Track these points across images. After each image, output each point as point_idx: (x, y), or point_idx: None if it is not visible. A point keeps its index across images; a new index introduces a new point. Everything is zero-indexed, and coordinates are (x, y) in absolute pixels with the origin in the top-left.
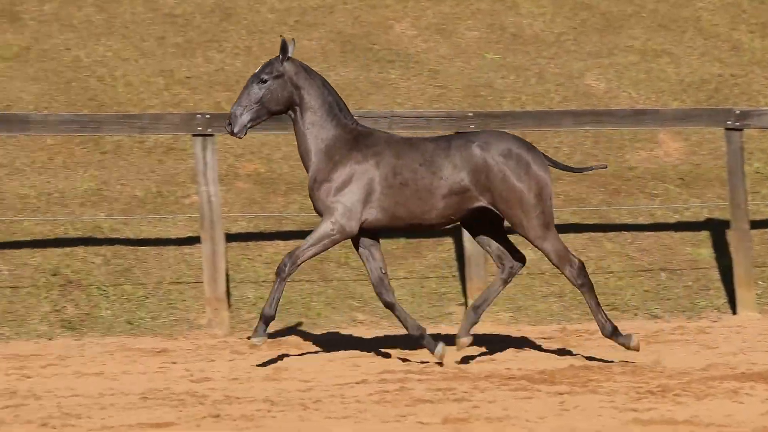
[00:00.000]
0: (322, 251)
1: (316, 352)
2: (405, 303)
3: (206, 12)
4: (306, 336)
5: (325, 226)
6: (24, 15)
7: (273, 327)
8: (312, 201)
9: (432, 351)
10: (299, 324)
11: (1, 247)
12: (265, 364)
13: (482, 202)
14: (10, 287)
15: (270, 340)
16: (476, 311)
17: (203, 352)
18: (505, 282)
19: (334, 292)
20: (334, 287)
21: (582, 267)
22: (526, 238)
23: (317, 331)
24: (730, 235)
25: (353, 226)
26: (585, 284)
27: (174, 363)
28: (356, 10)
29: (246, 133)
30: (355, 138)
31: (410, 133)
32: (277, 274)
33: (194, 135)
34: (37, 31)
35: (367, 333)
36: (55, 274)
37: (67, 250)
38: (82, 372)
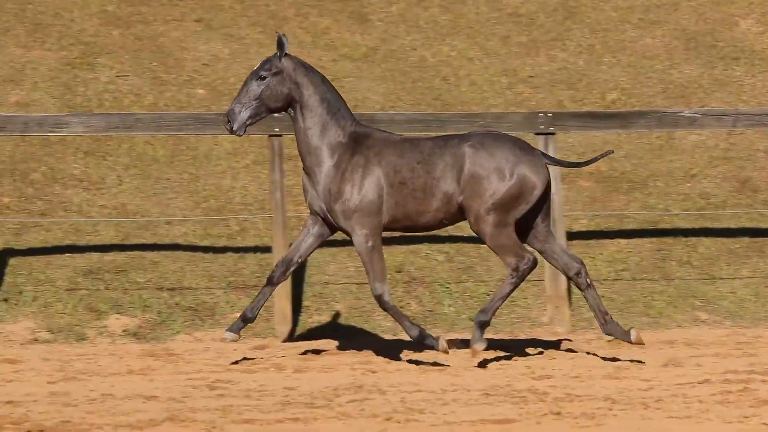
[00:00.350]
0: (382, 262)
1: (658, 351)
2: (748, 303)
3: (550, 11)
4: (647, 335)
5: (361, 244)
6: (372, 16)
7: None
8: (328, 212)
9: (227, 337)
10: (640, 323)
11: (348, 245)
12: (606, 362)
13: (460, 200)
14: (357, 284)
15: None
16: (603, 316)
17: (544, 350)
18: (588, 286)
19: (676, 291)
20: (676, 286)
21: (534, 263)
22: (478, 234)
23: (659, 330)
24: None
25: (378, 221)
26: (519, 278)
27: (515, 360)
28: (700, 6)
29: (245, 131)
30: (355, 140)
31: (753, 131)
32: (386, 310)
33: (536, 134)
34: (385, 32)
35: (708, 332)
36: (399, 271)
37: (411, 247)
38: (426, 368)
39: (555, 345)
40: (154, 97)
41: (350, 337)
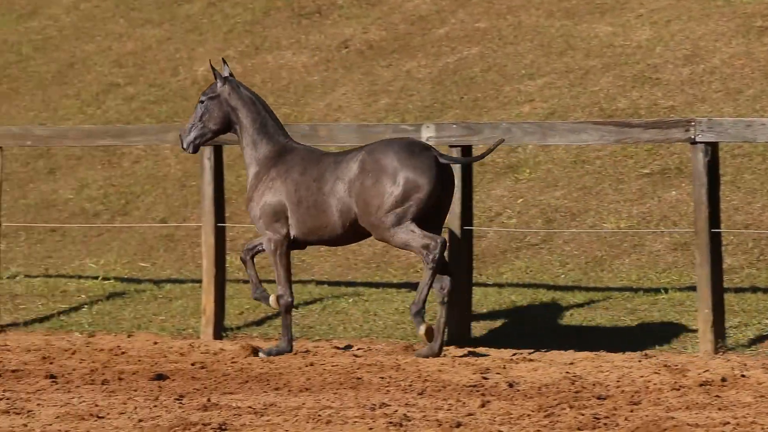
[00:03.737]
0: (288, 268)
1: None
2: None
3: None
4: None
5: (267, 248)
6: None
7: None
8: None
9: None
10: None
11: None
12: None
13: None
14: None
15: None
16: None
17: None
18: (443, 303)
19: None
20: None
21: (443, 244)
22: (378, 239)
23: None
24: None
25: (284, 233)
26: (434, 263)
27: None
28: None
29: (194, 149)
30: (280, 155)
31: None
32: (282, 310)
33: None
34: None
35: None
36: None
37: None
38: None
39: None
40: None
41: None
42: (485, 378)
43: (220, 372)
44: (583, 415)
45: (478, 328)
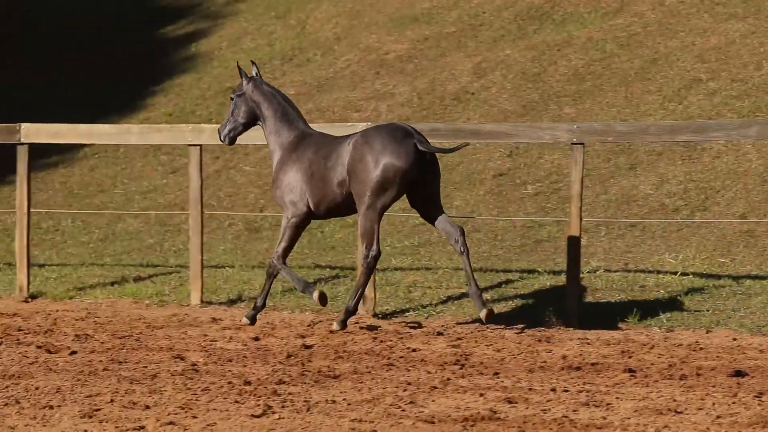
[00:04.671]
0: (293, 240)
1: None
2: None
3: None
4: None
5: (284, 220)
6: None
7: None
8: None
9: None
10: None
11: None
12: None
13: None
14: None
15: None
16: (473, 289)
17: None
18: (462, 253)
19: None
20: None
21: (376, 257)
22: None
23: None
24: None
25: (303, 207)
26: (367, 269)
27: None
28: None
29: (229, 141)
30: (300, 141)
31: None
32: (267, 273)
33: None
34: None
35: None
36: None
37: None
38: None
39: None
40: None
41: None
42: None
43: None
44: None
45: None
